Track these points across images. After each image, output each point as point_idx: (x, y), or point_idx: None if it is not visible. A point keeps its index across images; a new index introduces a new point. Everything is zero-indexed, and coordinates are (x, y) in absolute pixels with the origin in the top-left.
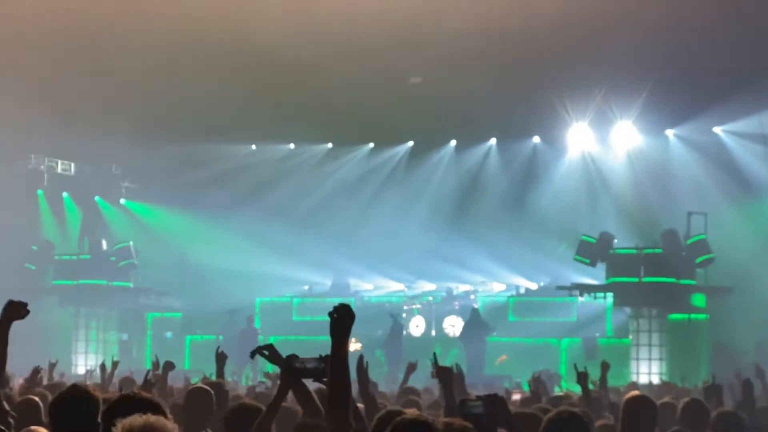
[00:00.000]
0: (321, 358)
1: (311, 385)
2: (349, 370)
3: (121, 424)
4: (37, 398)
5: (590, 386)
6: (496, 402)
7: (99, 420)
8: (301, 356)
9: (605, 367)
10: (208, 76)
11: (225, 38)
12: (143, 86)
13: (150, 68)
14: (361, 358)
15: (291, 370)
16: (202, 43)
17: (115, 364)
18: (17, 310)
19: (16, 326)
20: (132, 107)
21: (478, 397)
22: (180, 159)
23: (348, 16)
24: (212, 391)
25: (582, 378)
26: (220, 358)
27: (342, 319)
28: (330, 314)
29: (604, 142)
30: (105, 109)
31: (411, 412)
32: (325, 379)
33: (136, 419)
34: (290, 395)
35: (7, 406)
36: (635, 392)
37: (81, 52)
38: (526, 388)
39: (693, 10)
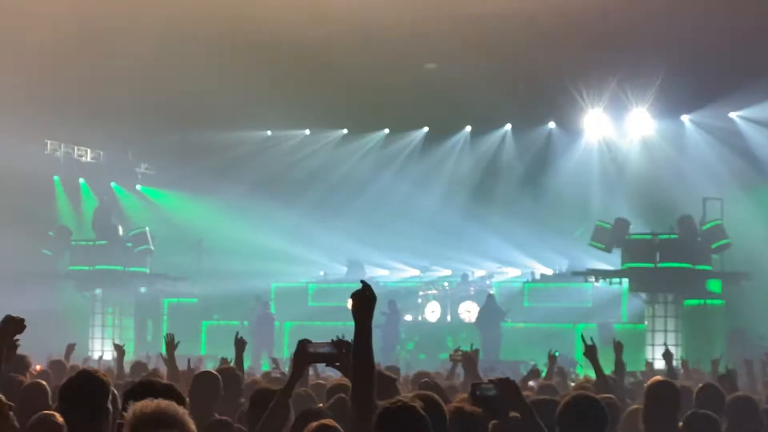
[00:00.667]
0: (333, 343)
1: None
2: (372, 350)
3: (133, 407)
4: (44, 383)
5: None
6: (508, 386)
7: (108, 404)
8: (314, 341)
9: (619, 348)
10: (224, 62)
11: (241, 24)
12: (159, 72)
13: (166, 54)
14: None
15: (304, 354)
16: (218, 28)
17: (121, 350)
18: (16, 325)
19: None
20: (148, 93)
21: (490, 381)
22: (196, 145)
23: (363, 3)
24: (219, 376)
25: (590, 351)
26: (239, 344)
27: (364, 299)
28: (353, 295)
29: (620, 128)
30: (121, 95)
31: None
32: (338, 364)
33: (148, 403)
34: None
35: None
36: (658, 377)
37: (97, 36)
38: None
39: None
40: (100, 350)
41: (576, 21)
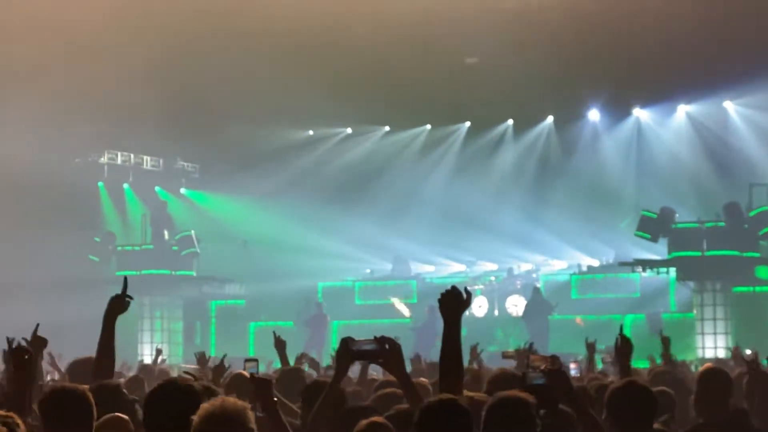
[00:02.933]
0: (376, 340)
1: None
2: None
3: (200, 410)
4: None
5: (658, 361)
6: (556, 376)
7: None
8: (357, 338)
9: (666, 342)
10: (265, 62)
11: (281, 23)
12: (200, 75)
13: (207, 57)
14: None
15: (347, 352)
16: (259, 28)
17: (158, 352)
18: (119, 303)
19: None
20: (189, 96)
21: (540, 370)
22: (239, 146)
23: None
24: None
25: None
26: (279, 344)
27: (458, 301)
28: (444, 294)
29: (663, 116)
30: (162, 99)
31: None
32: (381, 360)
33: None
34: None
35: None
36: (709, 365)
37: (135, 42)
38: (599, 365)
39: None
40: (150, 354)
41: (616, 11)
